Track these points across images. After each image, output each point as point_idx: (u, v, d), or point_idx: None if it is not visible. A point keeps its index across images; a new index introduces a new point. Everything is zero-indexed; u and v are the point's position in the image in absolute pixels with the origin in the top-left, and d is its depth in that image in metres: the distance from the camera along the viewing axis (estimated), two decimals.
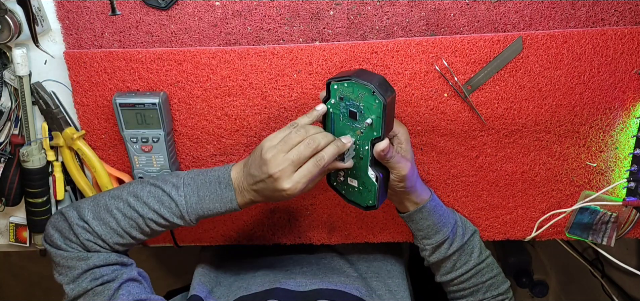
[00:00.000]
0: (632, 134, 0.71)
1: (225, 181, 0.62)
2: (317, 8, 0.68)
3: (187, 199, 0.62)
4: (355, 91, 0.60)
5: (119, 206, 0.62)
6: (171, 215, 0.62)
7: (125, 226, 0.62)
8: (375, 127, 0.60)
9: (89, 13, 0.69)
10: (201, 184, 0.63)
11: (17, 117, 0.74)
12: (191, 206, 0.62)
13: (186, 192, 0.62)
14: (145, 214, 0.62)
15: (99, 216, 0.62)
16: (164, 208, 0.62)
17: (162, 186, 0.63)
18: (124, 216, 0.62)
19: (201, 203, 0.62)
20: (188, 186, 0.63)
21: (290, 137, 0.59)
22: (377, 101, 0.58)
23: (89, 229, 0.62)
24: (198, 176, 0.63)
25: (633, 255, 0.98)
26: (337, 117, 0.63)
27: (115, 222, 0.62)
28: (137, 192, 0.63)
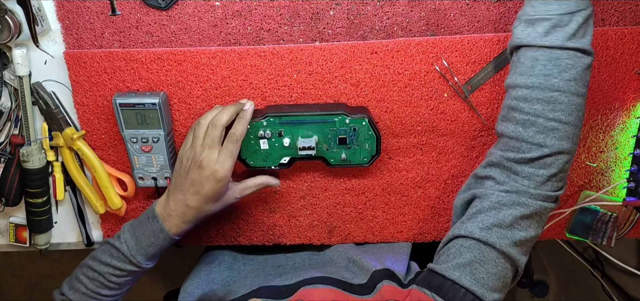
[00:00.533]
0: (632, 134, 0.71)
1: (152, 215, 0.67)
2: (317, 8, 0.68)
3: (128, 245, 0.67)
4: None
5: (83, 271, 0.68)
6: (122, 263, 0.67)
7: (92, 288, 0.68)
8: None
9: (89, 13, 0.69)
10: (136, 226, 0.68)
11: (17, 117, 0.74)
12: (133, 249, 0.67)
13: (125, 238, 0.67)
14: (102, 270, 0.67)
15: (72, 285, 0.69)
16: (114, 259, 0.67)
17: (111, 242, 0.68)
18: (88, 278, 0.68)
19: (139, 243, 0.67)
20: (126, 232, 0.68)
21: (197, 132, 0.65)
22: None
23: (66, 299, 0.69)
24: (135, 221, 0.69)
25: (633, 255, 0.98)
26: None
27: (84, 286, 0.68)
28: (95, 254, 0.69)
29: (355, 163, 0.72)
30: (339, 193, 0.78)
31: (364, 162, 0.72)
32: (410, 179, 0.76)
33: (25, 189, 0.77)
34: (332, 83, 0.70)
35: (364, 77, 0.69)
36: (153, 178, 0.75)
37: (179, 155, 0.67)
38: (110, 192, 0.76)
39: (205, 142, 0.64)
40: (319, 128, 0.70)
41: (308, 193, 0.78)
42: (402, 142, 0.73)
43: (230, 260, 0.82)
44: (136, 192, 0.79)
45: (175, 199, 0.66)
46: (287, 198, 0.78)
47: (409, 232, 0.80)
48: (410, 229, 0.80)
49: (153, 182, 0.75)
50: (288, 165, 0.73)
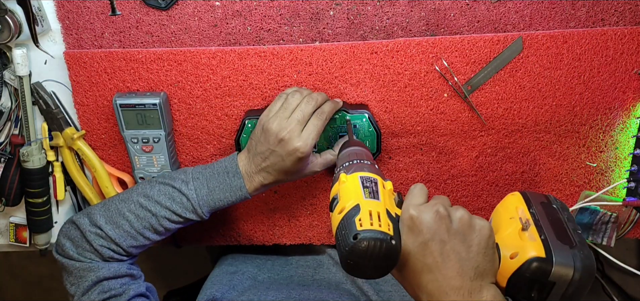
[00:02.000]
0: (632, 134, 0.71)
1: (233, 170, 0.64)
2: (317, 8, 0.68)
3: (197, 193, 0.63)
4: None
5: (131, 208, 0.63)
6: (184, 210, 0.63)
7: (138, 228, 0.63)
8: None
9: (89, 13, 0.69)
10: (210, 176, 0.64)
11: (17, 117, 0.74)
12: (202, 199, 0.63)
13: (196, 185, 0.63)
14: (158, 212, 0.63)
15: (111, 220, 0.63)
16: (175, 204, 0.63)
17: (171, 183, 0.64)
18: (137, 217, 0.63)
19: (212, 195, 0.64)
20: (197, 179, 0.64)
21: (289, 102, 0.62)
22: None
23: (103, 234, 0.63)
24: (206, 170, 0.65)
25: (633, 255, 0.98)
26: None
27: (129, 224, 0.63)
28: (147, 192, 0.64)
29: None
30: None
31: None
32: (410, 179, 0.76)
33: (26, 189, 0.77)
34: (332, 83, 0.70)
35: (364, 77, 0.69)
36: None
37: (263, 118, 0.63)
38: (110, 192, 0.76)
39: (294, 115, 0.61)
40: None
41: (308, 193, 0.78)
42: (402, 142, 0.73)
43: (255, 271, 0.79)
44: None
45: (257, 163, 0.63)
46: (288, 198, 0.78)
47: None
48: None
49: None
50: None
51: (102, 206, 0.65)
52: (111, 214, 0.63)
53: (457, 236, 0.46)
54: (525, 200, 0.51)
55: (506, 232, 0.49)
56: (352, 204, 0.47)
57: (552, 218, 0.49)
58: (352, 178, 0.51)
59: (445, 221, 0.46)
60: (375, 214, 0.46)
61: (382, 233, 0.45)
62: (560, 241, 0.46)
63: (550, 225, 0.48)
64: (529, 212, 0.49)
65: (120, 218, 0.63)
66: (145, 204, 0.63)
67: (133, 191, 0.65)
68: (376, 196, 0.48)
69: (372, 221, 0.45)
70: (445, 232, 0.46)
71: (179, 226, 0.65)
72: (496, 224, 0.52)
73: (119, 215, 0.63)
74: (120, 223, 0.63)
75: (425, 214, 0.46)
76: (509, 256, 0.47)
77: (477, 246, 0.46)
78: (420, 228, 0.46)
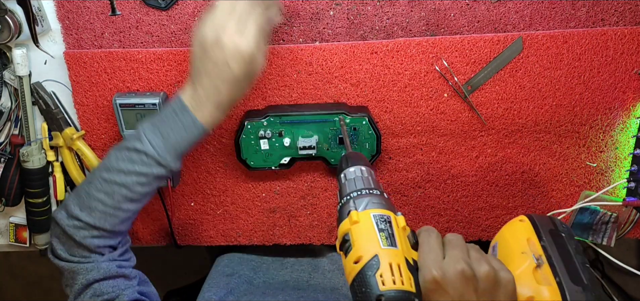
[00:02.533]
0: (632, 134, 0.71)
1: (180, 107, 0.58)
2: (317, 8, 0.67)
3: (153, 144, 0.58)
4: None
5: (98, 187, 0.59)
6: (148, 168, 0.58)
7: (113, 203, 0.59)
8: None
9: (89, 13, 0.69)
10: (159, 123, 0.59)
11: (17, 117, 0.74)
12: (160, 148, 0.58)
13: (149, 138, 0.58)
14: (125, 180, 0.58)
15: (84, 205, 0.59)
16: (137, 165, 0.58)
17: (126, 145, 0.59)
18: (107, 193, 0.59)
19: (167, 141, 0.58)
20: (148, 131, 0.59)
21: (223, 4, 0.56)
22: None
23: (81, 224, 0.59)
24: (155, 118, 0.60)
25: (633, 255, 0.98)
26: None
27: (102, 204, 0.59)
28: (107, 164, 0.59)
29: None
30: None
31: None
32: (410, 179, 0.76)
33: (25, 189, 0.77)
34: (332, 83, 0.70)
35: (364, 77, 0.69)
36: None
37: (195, 37, 0.57)
38: None
39: (232, 15, 0.55)
40: (319, 128, 0.70)
41: (308, 193, 0.78)
42: (402, 142, 0.73)
43: (250, 274, 0.80)
44: None
45: (202, 84, 0.57)
46: (287, 198, 0.78)
47: None
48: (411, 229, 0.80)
49: None
50: (288, 165, 0.73)
51: (75, 193, 0.61)
52: (83, 200, 0.59)
53: (485, 294, 0.44)
54: (534, 229, 0.50)
55: (519, 270, 0.48)
56: (370, 254, 0.44)
57: (563, 251, 0.49)
58: (365, 217, 0.47)
59: (472, 282, 0.44)
60: (396, 269, 0.43)
61: (406, 293, 0.42)
62: (574, 283, 0.46)
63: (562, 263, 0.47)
64: (541, 245, 0.49)
65: (92, 201, 0.59)
66: (109, 177, 0.58)
67: (96, 169, 0.61)
68: (393, 242, 0.45)
69: (394, 277, 0.42)
70: (473, 293, 0.44)
71: (154, 185, 0.61)
72: (505, 255, 0.51)
73: (90, 198, 0.59)
74: (94, 205, 0.59)
75: (450, 275, 0.44)
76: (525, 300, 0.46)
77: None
78: (445, 290, 0.43)
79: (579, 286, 0.46)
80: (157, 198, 0.79)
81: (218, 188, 0.78)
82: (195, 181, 0.78)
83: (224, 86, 0.56)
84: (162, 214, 0.81)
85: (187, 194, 0.79)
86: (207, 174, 0.77)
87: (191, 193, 0.79)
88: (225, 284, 0.77)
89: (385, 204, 0.49)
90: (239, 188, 0.78)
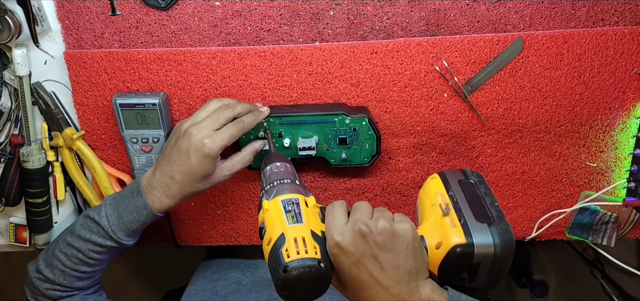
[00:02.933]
0: (632, 135, 0.71)
1: (136, 189, 0.63)
2: (317, 8, 0.67)
3: (108, 219, 0.63)
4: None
5: (60, 247, 0.65)
6: (102, 239, 0.64)
7: (70, 265, 0.65)
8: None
9: (89, 13, 0.69)
10: (119, 200, 0.64)
11: (17, 117, 0.74)
12: (113, 224, 0.63)
13: (107, 212, 0.64)
14: (81, 246, 0.64)
15: (48, 262, 0.65)
16: (93, 234, 0.64)
17: (90, 215, 0.65)
18: (66, 255, 0.64)
19: (121, 218, 0.64)
20: (109, 205, 0.64)
21: (206, 106, 0.62)
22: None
23: (44, 278, 0.65)
24: (118, 194, 0.65)
25: (633, 255, 0.98)
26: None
27: (61, 263, 0.64)
28: (72, 228, 0.65)
29: (355, 163, 0.72)
30: (339, 193, 0.78)
31: (364, 162, 0.72)
32: (410, 179, 0.76)
33: (25, 189, 0.77)
34: (332, 83, 0.70)
35: (364, 77, 0.69)
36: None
37: (177, 125, 0.63)
38: (109, 192, 0.76)
39: (208, 117, 0.61)
40: (319, 128, 0.70)
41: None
42: (402, 142, 0.73)
43: (239, 275, 0.80)
44: None
45: (162, 170, 0.62)
46: None
47: None
48: None
49: None
50: None
51: (46, 250, 0.67)
52: (48, 257, 0.66)
53: (384, 247, 0.48)
54: (443, 183, 0.54)
55: (429, 222, 0.52)
56: (277, 234, 0.49)
57: (471, 195, 0.52)
58: (274, 204, 0.52)
59: (369, 237, 0.48)
60: (300, 241, 0.48)
61: (310, 260, 0.47)
62: (479, 221, 0.49)
63: (468, 205, 0.51)
64: (448, 195, 0.52)
65: (54, 260, 0.65)
66: (70, 241, 0.64)
67: (64, 231, 0.67)
68: (299, 219, 0.50)
69: (298, 249, 0.47)
70: (372, 247, 0.48)
71: (108, 254, 0.66)
72: (421, 213, 0.55)
73: (53, 257, 0.65)
74: (55, 263, 0.65)
75: (348, 236, 0.48)
76: (435, 247, 0.49)
77: (405, 250, 0.48)
78: (347, 251, 0.48)
79: (484, 223, 0.48)
80: None
81: (218, 188, 0.78)
82: None
83: (179, 176, 0.61)
84: None
85: None
86: None
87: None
88: (211, 288, 0.77)
89: (295, 189, 0.54)
90: (239, 188, 0.78)
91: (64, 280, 0.65)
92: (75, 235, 0.64)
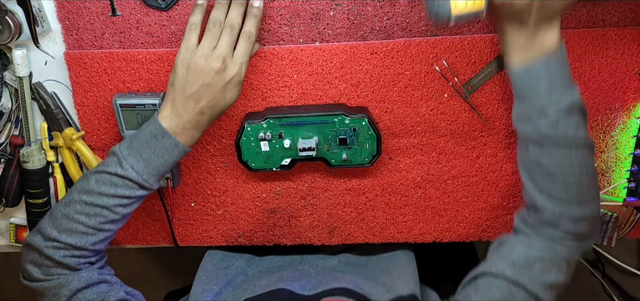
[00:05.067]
0: (633, 135, 0.71)
1: (159, 132, 0.61)
2: (317, 8, 0.67)
3: (135, 169, 0.61)
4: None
5: (77, 209, 0.61)
6: (131, 191, 0.61)
7: (94, 224, 0.61)
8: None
9: (89, 14, 0.69)
10: (140, 148, 0.61)
11: (18, 118, 0.74)
12: (143, 172, 0.61)
13: (131, 162, 0.61)
14: (106, 203, 0.61)
15: (63, 227, 0.61)
16: (119, 188, 0.61)
17: (105, 170, 0.61)
18: (87, 215, 0.61)
19: (150, 164, 0.61)
20: (129, 156, 0.61)
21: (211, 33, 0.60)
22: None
23: (61, 245, 0.60)
24: (133, 142, 0.62)
25: (633, 255, 0.98)
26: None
27: (83, 226, 0.61)
28: (86, 187, 0.61)
29: (356, 163, 0.72)
30: (340, 193, 0.78)
31: (364, 162, 0.72)
32: (410, 180, 0.76)
33: (26, 190, 0.77)
34: (332, 83, 0.70)
35: (364, 77, 0.69)
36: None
37: (182, 60, 0.60)
38: None
39: (221, 43, 0.60)
40: (319, 129, 0.70)
41: (308, 193, 0.78)
42: (403, 142, 0.73)
43: (244, 265, 0.80)
44: None
45: (186, 108, 0.60)
46: (288, 198, 0.78)
47: (409, 232, 0.80)
48: (411, 229, 0.80)
49: None
50: (289, 167, 0.73)
51: (48, 218, 0.63)
52: (60, 223, 0.61)
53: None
54: None
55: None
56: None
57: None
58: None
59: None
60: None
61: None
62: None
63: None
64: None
65: (71, 223, 0.61)
66: (89, 200, 0.60)
67: (72, 191, 0.62)
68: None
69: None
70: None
71: (135, 205, 0.64)
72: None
73: (69, 220, 0.61)
74: (74, 227, 0.61)
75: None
76: None
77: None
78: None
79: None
80: (157, 198, 0.79)
81: (218, 189, 0.78)
82: (196, 182, 0.78)
83: (210, 110, 0.61)
84: (162, 214, 0.81)
85: (188, 194, 0.79)
86: (207, 174, 0.77)
87: (191, 194, 0.79)
88: (224, 276, 0.77)
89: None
90: (240, 189, 0.78)
91: (86, 242, 0.61)
92: (95, 193, 0.60)
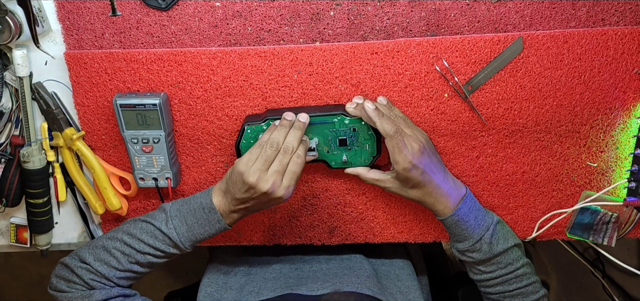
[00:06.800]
0: (633, 134, 0.71)
1: (209, 207, 0.67)
2: (318, 8, 0.68)
3: (177, 231, 0.66)
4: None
5: (116, 246, 0.67)
6: (167, 247, 0.67)
7: (125, 263, 0.67)
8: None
9: (89, 14, 0.69)
10: (187, 213, 0.67)
11: (18, 118, 0.75)
12: (183, 235, 0.67)
13: (175, 224, 0.67)
14: (142, 249, 0.67)
15: (99, 257, 0.67)
16: (158, 241, 0.67)
17: (152, 222, 0.67)
18: (123, 254, 0.67)
19: (191, 231, 0.67)
20: (175, 218, 0.67)
21: (267, 153, 0.64)
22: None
23: (92, 270, 0.66)
24: (183, 206, 0.68)
25: (634, 255, 0.98)
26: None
27: (116, 261, 0.67)
28: (131, 230, 0.68)
29: (356, 165, 0.72)
30: (340, 193, 0.78)
31: (365, 164, 0.72)
32: None
33: (26, 190, 0.77)
34: (333, 84, 0.70)
35: (364, 77, 0.69)
36: (154, 179, 0.75)
37: (240, 167, 0.64)
38: (108, 193, 0.76)
39: (273, 167, 0.64)
40: (319, 130, 0.70)
41: (309, 193, 0.78)
42: None
43: (247, 268, 0.82)
44: (138, 191, 0.79)
45: (236, 204, 0.66)
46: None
47: (409, 232, 0.80)
48: (411, 229, 0.80)
49: (154, 182, 0.76)
50: None
51: (89, 245, 0.69)
52: (98, 253, 0.67)
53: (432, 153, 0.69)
54: None
55: None
56: None
57: None
58: None
59: (426, 149, 0.67)
60: None
61: None
62: None
63: None
64: None
65: (107, 255, 0.67)
66: (129, 242, 0.67)
67: (118, 230, 0.69)
68: None
69: None
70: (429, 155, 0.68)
71: (163, 261, 0.69)
72: None
73: (106, 252, 0.67)
74: (108, 259, 0.67)
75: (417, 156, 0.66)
76: None
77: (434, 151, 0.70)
78: (417, 166, 0.66)
79: None
80: (158, 198, 0.79)
81: None
82: (196, 182, 0.78)
83: (255, 209, 0.67)
84: None
85: (188, 194, 0.79)
86: (207, 174, 0.77)
87: (191, 193, 0.79)
88: (224, 282, 0.79)
89: None
90: None
91: (113, 276, 0.67)
92: (136, 238, 0.67)
